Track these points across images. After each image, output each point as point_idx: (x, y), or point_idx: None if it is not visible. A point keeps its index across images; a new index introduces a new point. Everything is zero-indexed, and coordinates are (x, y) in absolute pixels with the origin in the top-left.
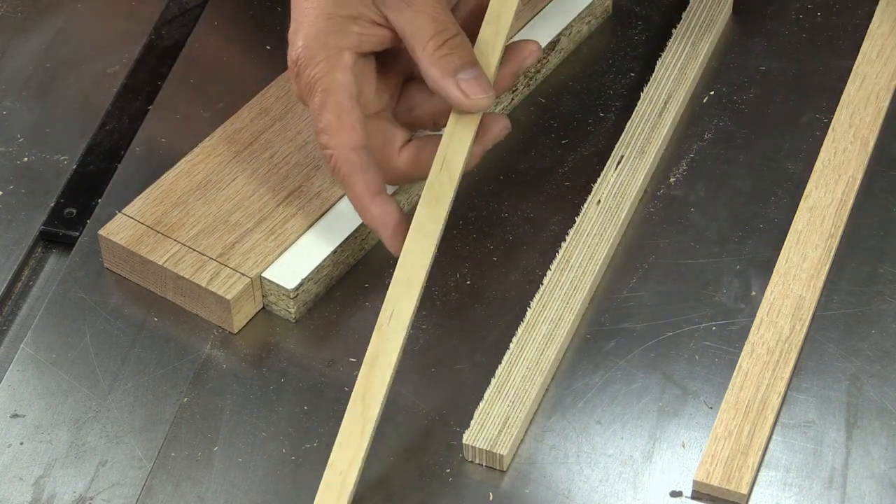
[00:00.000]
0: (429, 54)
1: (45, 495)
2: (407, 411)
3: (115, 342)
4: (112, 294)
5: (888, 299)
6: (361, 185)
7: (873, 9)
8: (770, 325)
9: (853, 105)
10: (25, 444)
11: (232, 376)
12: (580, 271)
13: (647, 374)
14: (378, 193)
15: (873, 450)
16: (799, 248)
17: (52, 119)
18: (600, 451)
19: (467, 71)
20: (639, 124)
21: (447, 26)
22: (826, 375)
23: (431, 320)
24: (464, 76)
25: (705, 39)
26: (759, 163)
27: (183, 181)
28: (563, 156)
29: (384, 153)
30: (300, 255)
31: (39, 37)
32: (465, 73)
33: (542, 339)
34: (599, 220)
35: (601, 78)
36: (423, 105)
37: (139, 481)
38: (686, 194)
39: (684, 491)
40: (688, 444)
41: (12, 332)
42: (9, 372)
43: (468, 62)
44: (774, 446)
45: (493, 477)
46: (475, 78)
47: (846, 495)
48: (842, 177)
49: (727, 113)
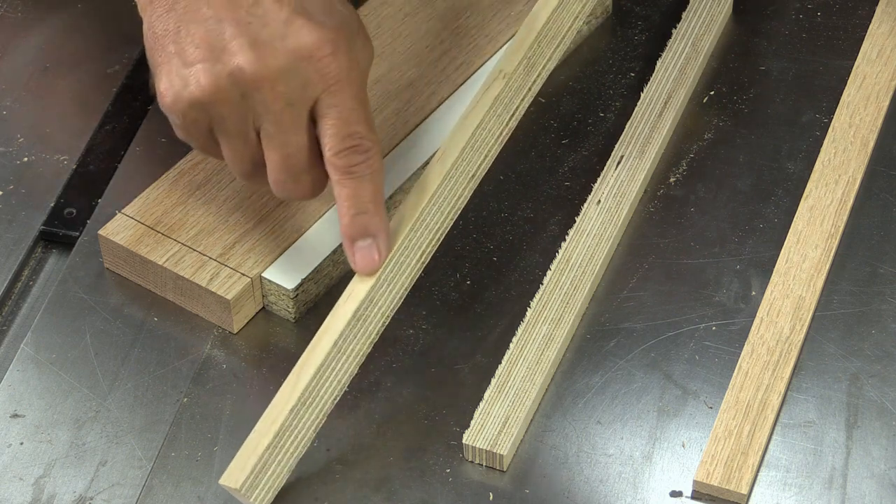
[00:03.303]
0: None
1: (45, 495)
2: (407, 411)
3: (115, 342)
4: (112, 294)
5: (888, 299)
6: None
7: (873, 9)
8: (770, 325)
9: (853, 105)
10: (25, 444)
11: (232, 376)
12: (580, 271)
13: (647, 374)
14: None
15: (873, 450)
16: (799, 248)
17: (52, 119)
18: (600, 451)
19: (364, 240)
20: (639, 124)
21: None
22: (826, 375)
23: (431, 320)
24: (361, 244)
25: (705, 39)
26: (759, 163)
27: (183, 181)
28: (563, 156)
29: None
30: (300, 255)
31: (39, 37)
32: (363, 241)
33: (542, 339)
34: (599, 220)
35: (601, 78)
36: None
37: (139, 481)
38: (686, 194)
39: (684, 491)
40: (688, 444)
41: (12, 332)
42: (9, 372)
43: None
44: (774, 446)
45: (493, 477)
46: (368, 248)
47: (846, 495)
48: (842, 177)
49: (727, 113)
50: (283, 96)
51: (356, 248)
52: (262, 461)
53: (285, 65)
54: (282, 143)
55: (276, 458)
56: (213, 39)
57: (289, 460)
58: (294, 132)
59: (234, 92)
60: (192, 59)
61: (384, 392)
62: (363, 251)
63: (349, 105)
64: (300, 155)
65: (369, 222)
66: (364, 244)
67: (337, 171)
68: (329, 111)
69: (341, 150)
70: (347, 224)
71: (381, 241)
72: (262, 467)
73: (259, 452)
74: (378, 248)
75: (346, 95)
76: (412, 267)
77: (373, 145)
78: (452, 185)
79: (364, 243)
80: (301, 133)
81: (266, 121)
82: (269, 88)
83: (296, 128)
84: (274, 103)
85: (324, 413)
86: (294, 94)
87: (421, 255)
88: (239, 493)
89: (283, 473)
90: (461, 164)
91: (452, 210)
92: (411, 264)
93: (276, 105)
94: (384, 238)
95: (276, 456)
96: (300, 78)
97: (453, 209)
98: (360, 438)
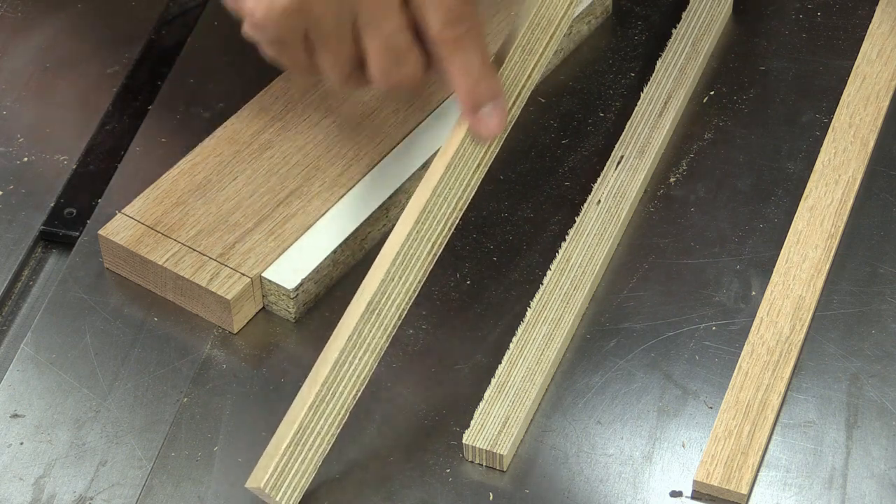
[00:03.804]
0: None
1: (45, 495)
2: (407, 411)
3: (115, 342)
4: (112, 294)
5: (888, 299)
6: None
7: (873, 9)
8: (770, 325)
9: (853, 105)
10: (25, 444)
11: (232, 376)
12: (580, 271)
13: (647, 374)
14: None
15: (873, 450)
16: (799, 248)
17: (52, 119)
18: (600, 451)
19: (486, 105)
20: (639, 124)
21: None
22: (826, 375)
23: (431, 320)
24: (485, 110)
25: (705, 39)
26: (759, 163)
27: (183, 181)
28: (563, 156)
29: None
30: (300, 255)
31: (39, 37)
32: (485, 107)
33: (542, 339)
34: (599, 220)
35: (601, 78)
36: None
37: (139, 481)
38: (686, 194)
39: (684, 491)
40: (688, 444)
41: (12, 332)
42: (9, 372)
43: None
44: (774, 446)
45: (493, 477)
46: (490, 112)
47: (846, 495)
48: (842, 177)
49: (727, 113)
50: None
51: (480, 116)
52: (283, 460)
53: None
54: (381, 28)
55: (300, 457)
56: None
57: (314, 458)
58: (391, 14)
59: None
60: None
61: (384, 392)
62: (487, 117)
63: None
64: (401, 35)
65: (487, 88)
66: (487, 110)
67: (445, 44)
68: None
69: (447, 24)
70: (467, 94)
71: (500, 104)
72: (286, 466)
73: (281, 451)
74: (498, 111)
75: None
76: (423, 259)
77: (474, 17)
78: (458, 174)
79: (486, 109)
80: (398, 14)
81: (361, 10)
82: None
83: (392, 9)
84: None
85: (345, 409)
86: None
87: (432, 247)
88: (264, 494)
89: (308, 472)
90: (465, 153)
91: (461, 200)
92: (422, 256)
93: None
94: (501, 100)
95: (300, 454)
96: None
97: (461, 199)
98: (360, 438)
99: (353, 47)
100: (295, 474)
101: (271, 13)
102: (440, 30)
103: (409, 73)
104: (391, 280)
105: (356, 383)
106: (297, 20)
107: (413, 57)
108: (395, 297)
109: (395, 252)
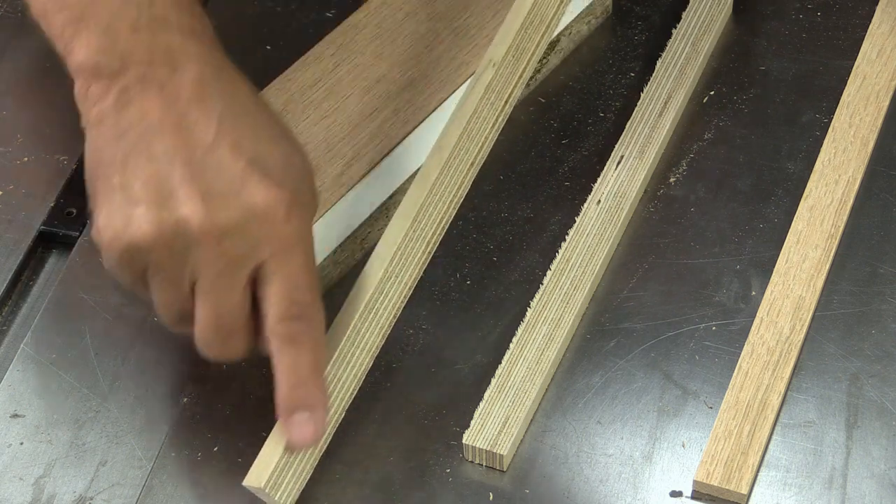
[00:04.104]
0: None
1: (45, 495)
2: (407, 411)
3: (115, 342)
4: (112, 294)
5: (888, 299)
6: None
7: (873, 9)
8: (770, 325)
9: (853, 105)
10: (25, 444)
11: (232, 376)
12: (580, 271)
13: (647, 374)
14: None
15: (873, 450)
16: (799, 248)
17: (52, 119)
18: (600, 451)
19: (302, 413)
20: (639, 124)
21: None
22: (826, 375)
23: (431, 320)
24: (298, 417)
25: (705, 39)
26: (759, 163)
27: None
28: (563, 156)
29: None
30: None
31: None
32: (300, 414)
33: (542, 339)
34: (599, 220)
35: (601, 78)
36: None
37: (139, 481)
38: (686, 194)
39: (684, 491)
40: (688, 444)
41: (12, 332)
42: (9, 372)
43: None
44: (774, 446)
45: (493, 477)
46: (305, 422)
47: (846, 495)
48: (842, 177)
49: (727, 113)
50: (227, 254)
51: (294, 421)
52: (284, 459)
53: (235, 222)
54: (216, 302)
55: (299, 456)
56: (161, 180)
57: (310, 458)
58: (231, 292)
59: (177, 243)
60: (136, 197)
61: (384, 392)
62: (301, 424)
63: (298, 271)
64: (233, 316)
65: (308, 395)
66: (301, 417)
67: (278, 338)
68: (276, 276)
69: (285, 318)
70: (285, 396)
71: (318, 415)
72: (285, 465)
73: (280, 451)
74: (315, 421)
75: (296, 261)
76: (419, 257)
77: (317, 314)
78: (452, 173)
79: (301, 416)
80: (238, 293)
81: (204, 276)
82: (214, 245)
83: (233, 288)
84: (216, 261)
85: (341, 409)
86: (239, 254)
87: (427, 246)
88: (263, 493)
89: (306, 471)
90: (459, 153)
91: (455, 198)
92: (418, 255)
93: (218, 263)
94: (321, 412)
95: (299, 454)
96: (249, 238)
97: (455, 197)
98: (360, 438)
99: (187, 302)
100: (294, 474)
101: (115, 242)
102: (276, 322)
103: (231, 352)
104: (388, 279)
105: (351, 384)
106: (137, 257)
107: (241, 337)
108: (391, 296)
109: (392, 251)
